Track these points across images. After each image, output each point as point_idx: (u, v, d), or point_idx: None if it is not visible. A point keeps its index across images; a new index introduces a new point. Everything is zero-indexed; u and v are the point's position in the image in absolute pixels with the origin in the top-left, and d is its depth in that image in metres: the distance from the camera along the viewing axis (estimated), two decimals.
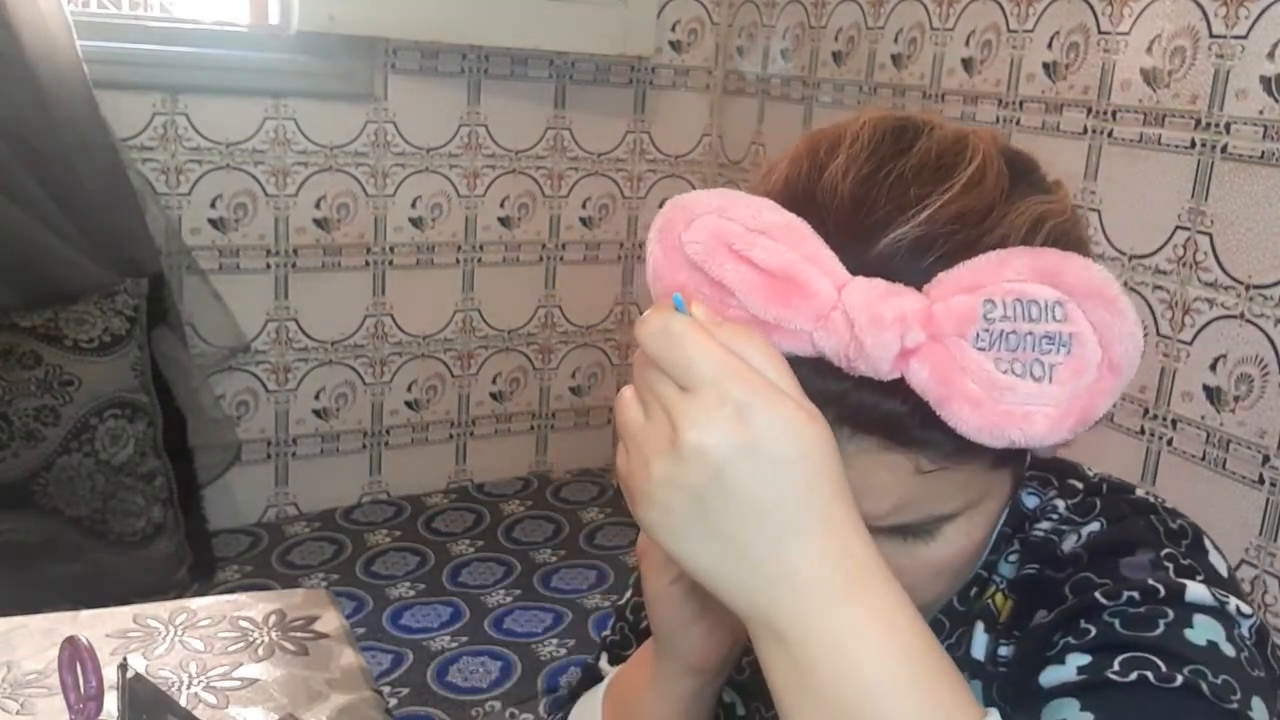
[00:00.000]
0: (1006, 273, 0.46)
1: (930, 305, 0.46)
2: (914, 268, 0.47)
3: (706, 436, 0.43)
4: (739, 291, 0.48)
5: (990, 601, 0.61)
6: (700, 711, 0.64)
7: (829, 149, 0.52)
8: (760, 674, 0.69)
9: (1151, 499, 0.60)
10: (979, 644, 0.60)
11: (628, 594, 0.83)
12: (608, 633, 0.83)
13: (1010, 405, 0.46)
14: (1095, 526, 0.58)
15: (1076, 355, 0.46)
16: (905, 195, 0.49)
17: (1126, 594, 0.52)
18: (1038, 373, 0.46)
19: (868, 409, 0.48)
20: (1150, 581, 0.52)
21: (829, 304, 0.47)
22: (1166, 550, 0.55)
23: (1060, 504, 0.61)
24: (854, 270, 0.47)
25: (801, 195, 0.51)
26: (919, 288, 0.47)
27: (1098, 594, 0.53)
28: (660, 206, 0.53)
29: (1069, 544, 0.58)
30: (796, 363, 0.47)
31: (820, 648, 0.44)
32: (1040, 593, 0.57)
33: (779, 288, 0.47)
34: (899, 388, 0.47)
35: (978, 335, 0.46)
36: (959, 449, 0.48)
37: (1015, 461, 0.55)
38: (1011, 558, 0.61)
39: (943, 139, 0.52)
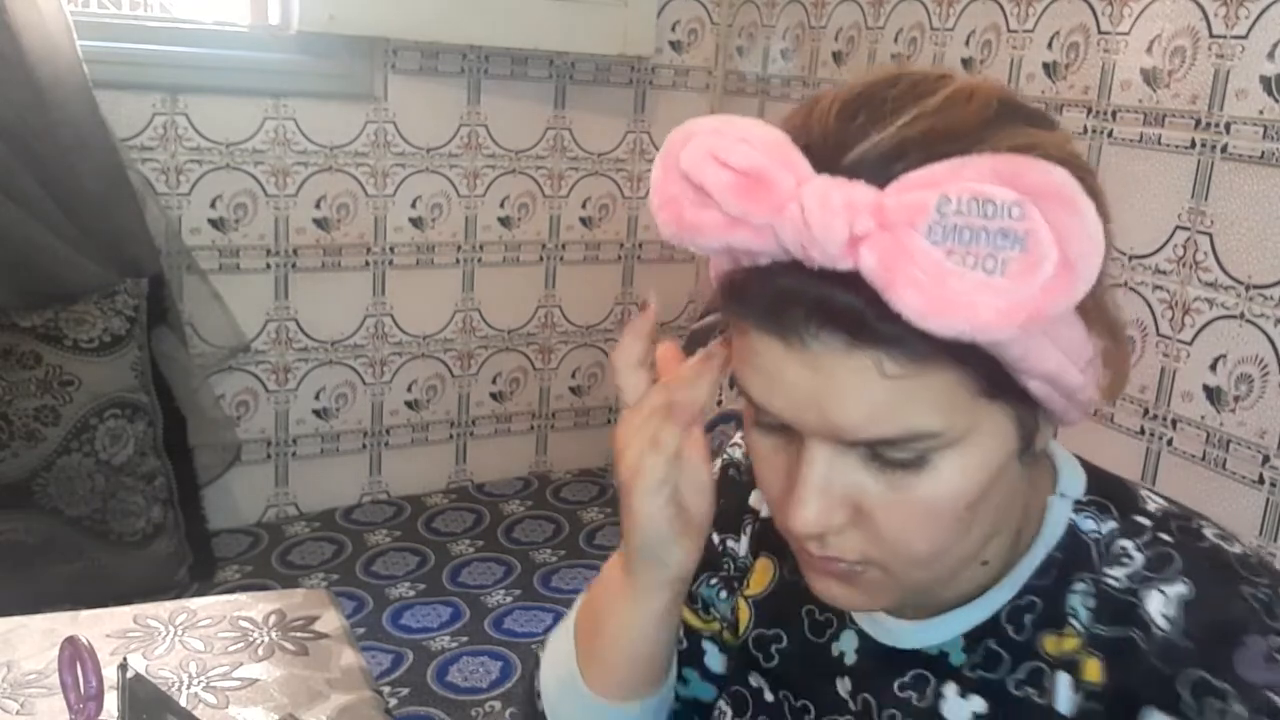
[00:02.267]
0: (966, 174, 0.47)
1: (882, 197, 0.47)
2: (881, 173, 0.48)
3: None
4: (715, 193, 0.51)
5: (1077, 657, 0.58)
6: (672, 622, 0.69)
7: (831, 93, 0.54)
8: (789, 663, 0.71)
9: (1223, 544, 0.59)
10: (1065, 699, 0.58)
11: None
12: None
13: (957, 293, 0.46)
14: (1183, 590, 0.56)
15: (1031, 252, 0.46)
16: (883, 110, 0.50)
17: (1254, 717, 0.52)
18: (989, 266, 0.46)
19: (827, 301, 0.49)
20: (1274, 698, 0.52)
21: (788, 196, 0.49)
22: (1274, 635, 0.54)
23: (1128, 545, 0.59)
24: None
25: (795, 121, 0.53)
26: (881, 188, 0.48)
27: (1222, 703, 0.53)
28: None
29: (1156, 607, 0.56)
30: (766, 268, 0.51)
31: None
32: (1141, 674, 0.56)
33: (748, 185, 0.50)
34: (858, 282, 0.48)
35: (930, 228, 0.46)
36: (924, 352, 0.49)
37: (1009, 397, 0.53)
38: (1090, 603, 0.59)
39: (934, 72, 0.53)
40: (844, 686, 0.68)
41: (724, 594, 0.78)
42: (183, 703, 0.92)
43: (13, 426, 1.82)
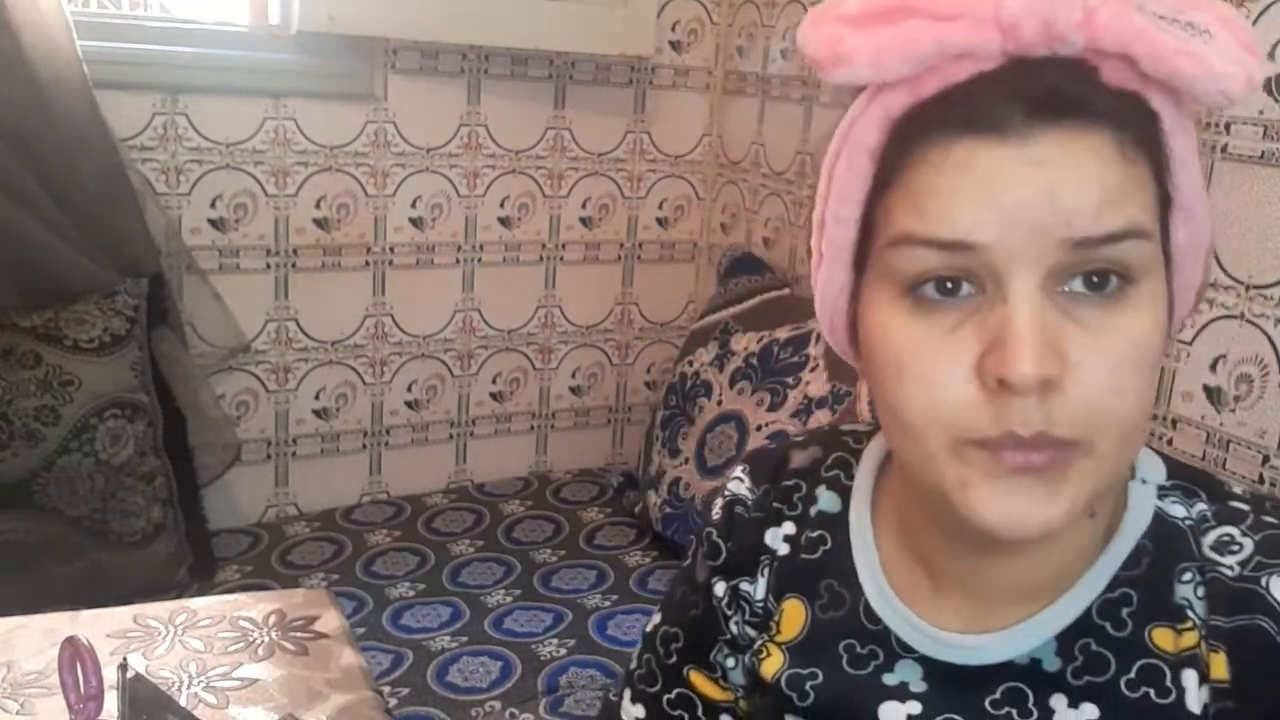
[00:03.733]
0: None
1: None
2: None
3: None
4: (922, 6, 0.50)
5: (1199, 650, 0.56)
6: None
7: None
8: (828, 696, 0.65)
9: None
10: (1195, 697, 0.55)
11: (654, 620, 0.78)
12: (633, 665, 0.78)
13: (1192, 48, 0.48)
14: None
15: (1218, 36, 0.49)
16: None
17: None
18: (1188, 35, 0.49)
19: (1067, 84, 0.49)
20: None
21: None
22: None
23: (1233, 531, 0.57)
24: None
25: None
26: None
27: None
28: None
29: None
30: (969, 79, 0.50)
31: None
32: (1273, 662, 0.53)
33: None
34: (1087, 69, 0.50)
35: (1140, 9, 0.49)
36: (1145, 139, 0.51)
37: (1164, 237, 0.53)
38: (1199, 591, 0.56)
39: None
40: (907, 711, 0.62)
41: (735, 658, 0.73)
42: (183, 703, 0.92)
43: (13, 426, 1.82)
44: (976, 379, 0.51)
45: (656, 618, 0.78)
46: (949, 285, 0.52)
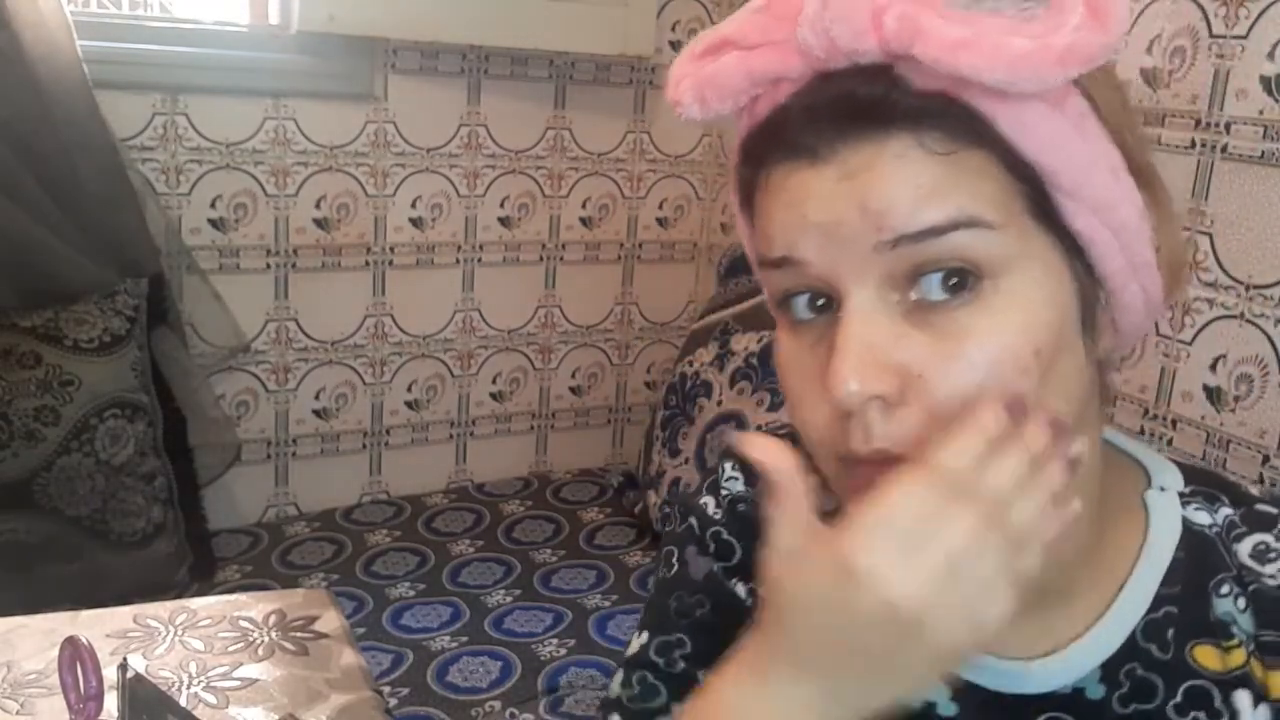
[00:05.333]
0: None
1: None
2: None
3: None
4: (733, 33, 0.50)
5: (1248, 668, 0.53)
6: None
7: None
8: None
9: None
10: (1249, 718, 0.52)
11: (638, 641, 0.71)
12: (617, 693, 0.69)
13: (985, 32, 0.44)
14: None
15: (1055, 6, 0.45)
16: None
17: None
18: (1011, 14, 0.46)
19: (853, 95, 0.48)
20: None
21: (806, 4, 0.48)
22: None
23: (1268, 539, 0.54)
24: None
25: None
26: None
27: None
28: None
29: None
30: (786, 101, 0.49)
31: None
32: None
33: (765, 16, 0.49)
34: (884, 73, 0.47)
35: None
36: (963, 131, 0.47)
37: (1061, 232, 0.49)
38: (1240, 603, 0.53)
39: None
40: None
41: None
42: (183, 703, 0.92)
43: (13, 426, 1.82)
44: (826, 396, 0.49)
45: (642, 637, 0.71)
46: (819, 303, 0.51)
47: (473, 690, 1.73)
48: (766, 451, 0.48)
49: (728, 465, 0.71)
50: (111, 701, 0.76)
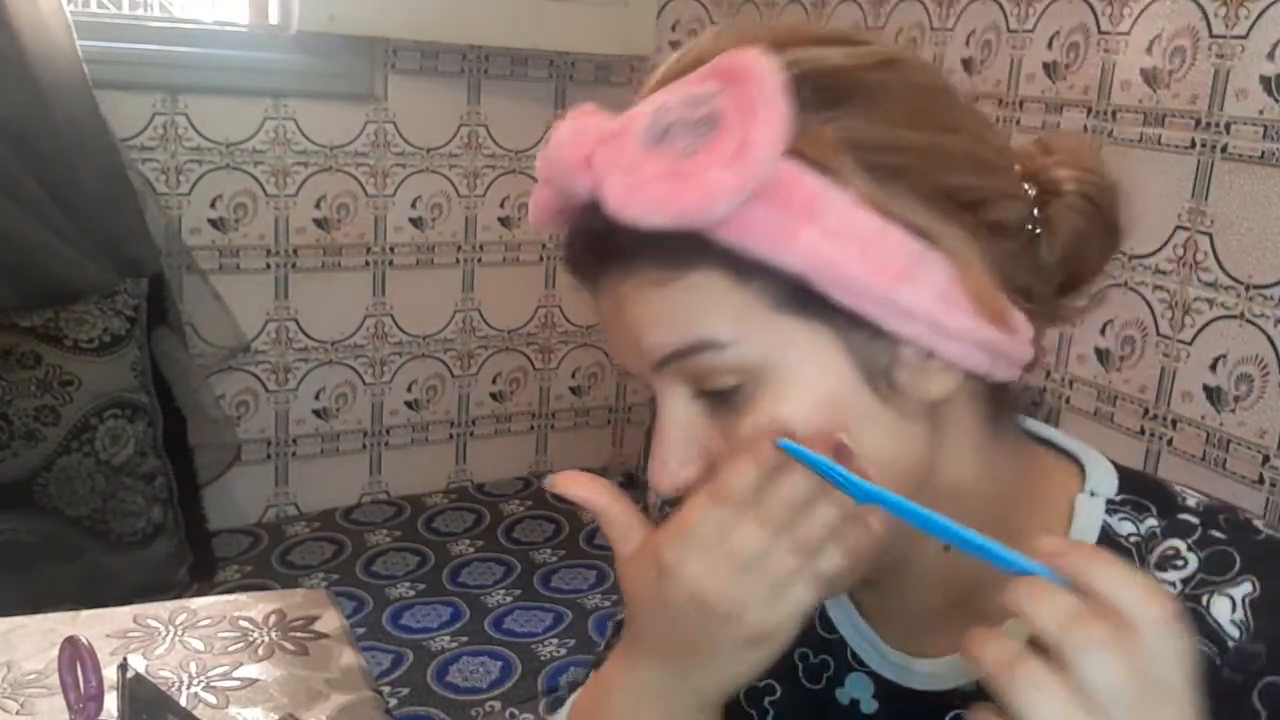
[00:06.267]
0: (691, 78, 0.50)
1: (613, 119, 0.50)
2: (630, 105, 0.52)
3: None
4: (538, 172, 0.54)
5: None
6: None
7: None
8: (787, 716, 0.65)
9: (1277, 534, 0.54)
10: None
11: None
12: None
13: (647, 180, 0.47)
14: (1248, 589, 0.51)
15: (721, 134, 0.47)
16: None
17: None
18: (685, 152, 0.48)
19: (586, 230, 0.52)
20: None
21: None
22: None
23: (1179, 545, 0.54)
24: None
25: None
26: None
27: None
28: None
29: (1223, 614, 0.51)
30: (569, 232, 0.53)
31: None
32: (1214, 691, 0.48)
33: (549, 149, 0.53)
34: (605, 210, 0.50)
35: (645, 133, 0.49)
36: (679, 254, 0.49)
37: (824, 314, 0.50)
38: None
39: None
40: None
41: None
42: (183, 703, 0.92)
43: (13, 426, 1.82)
44: None
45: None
46: None
47: (473, 690, 1.73)
48: (580, 486, 0.56)
49: None
50: (111, 701, 0.76)
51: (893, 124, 0.50)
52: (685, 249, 0.49)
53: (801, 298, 0.49)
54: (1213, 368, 1.59)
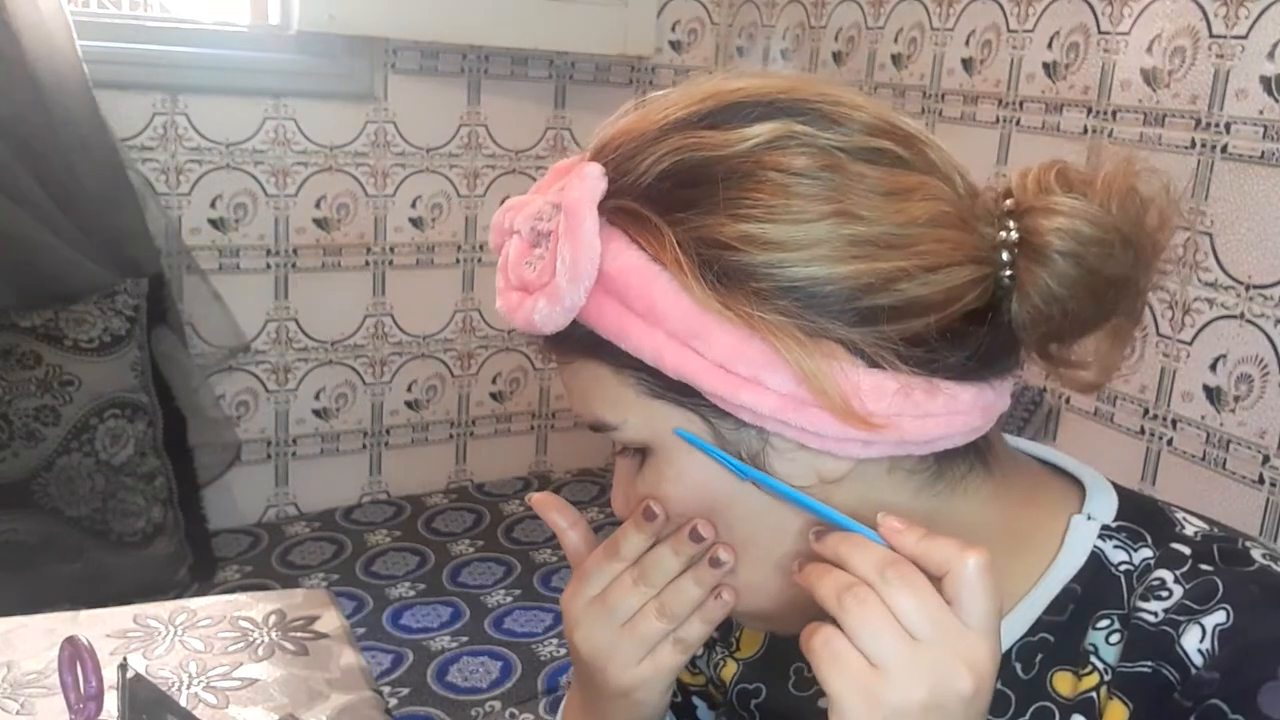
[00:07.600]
0: (570, 182, 0.53)
1: (529, 202, 0.56)
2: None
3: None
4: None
5: (1095, 695, 0.53)
6: None
7: None
8: (769, 717, 0.68)
9: (1273, 565, 0.53)
10: None
11: None
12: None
13: (506, 289, 0.56)
14: (1220, 619, 0.50)
15: (549, 255, 0.52)
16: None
17: None
18: (535, 264, 0.53)
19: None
20: None
21: None
22: None
23: (1166, 576, 0.53)
24: None
25: None
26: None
27: None
28: None
29: (1193, 642, 0.50)
30: None
31: None
32: (1165, 712, 0.50)
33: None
34: None
35: (532, 230, 0.54)
36: (565, 345, 0.55)
37: (689, 401, 0.51)
38: (1113, 639, 0.53)
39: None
40: None
41: (704, 650, 0.75)
42: (183, 703, 0.92)
43: (13, 426, 1.82)
44: None
45: None
46: None
47: (473, 690, 1.73)
48: (549, 509, 0.63)
49: None
50: (111, 701, 0.76)
51: (749, 220, 0.48)
52: (570, 339, 0.54)
53: (673, 385, 0.51)
54: (1213, 368, 1.59)
